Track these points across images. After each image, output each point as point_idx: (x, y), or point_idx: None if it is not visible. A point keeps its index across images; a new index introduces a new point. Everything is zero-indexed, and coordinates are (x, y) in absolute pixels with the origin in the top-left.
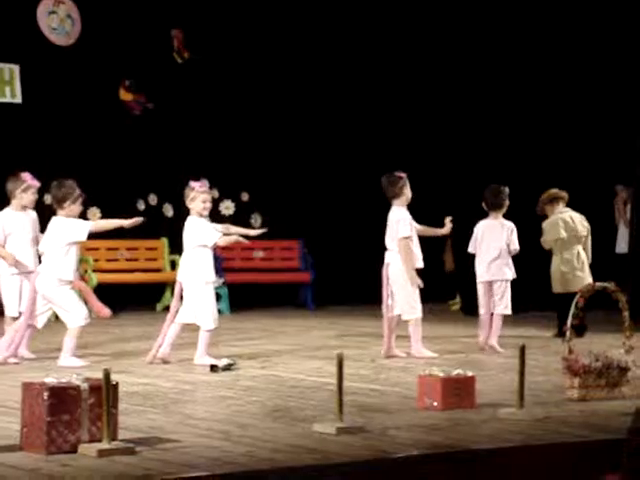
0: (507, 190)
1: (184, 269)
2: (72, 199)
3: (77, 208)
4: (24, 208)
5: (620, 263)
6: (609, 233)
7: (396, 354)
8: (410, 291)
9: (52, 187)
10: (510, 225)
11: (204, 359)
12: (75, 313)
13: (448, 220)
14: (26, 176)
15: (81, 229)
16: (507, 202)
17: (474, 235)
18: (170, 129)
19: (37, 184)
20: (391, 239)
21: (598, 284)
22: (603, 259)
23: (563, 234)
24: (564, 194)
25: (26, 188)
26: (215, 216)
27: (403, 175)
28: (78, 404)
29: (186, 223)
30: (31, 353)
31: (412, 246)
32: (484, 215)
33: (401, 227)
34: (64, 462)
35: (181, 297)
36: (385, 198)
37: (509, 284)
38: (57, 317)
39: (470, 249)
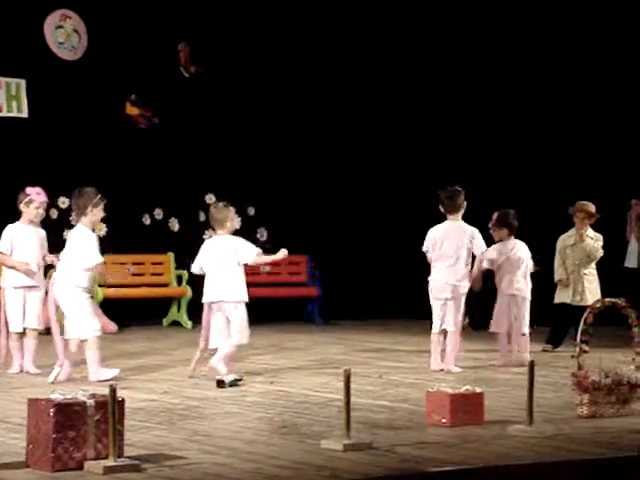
0: (513, 212)
1: (227, 288)
2: (92, 204)
3: (99, 213)
4: (31, 223)
5: (630, 278)
6: (619, 247)
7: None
8: (462, 306)
9: (73, 196)
10: (521, 245)
11: (220, 365)
12: (86, 324)
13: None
14: (30, 190)
15: (92, 257)
16: (516, 223)
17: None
18: (176, 143)
19: (43, 199)
20: (466, 256)
21: (607, 299)
22: (613, 274)
23: None
24: None
25: (28, 202)
26: None
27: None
28: (84, 421)
29: (223, 241)
30: (36, 368)
31: None
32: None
33: (482, 241)
34: (70, 479)
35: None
36: (387, 213)
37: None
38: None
39: (486, 265)
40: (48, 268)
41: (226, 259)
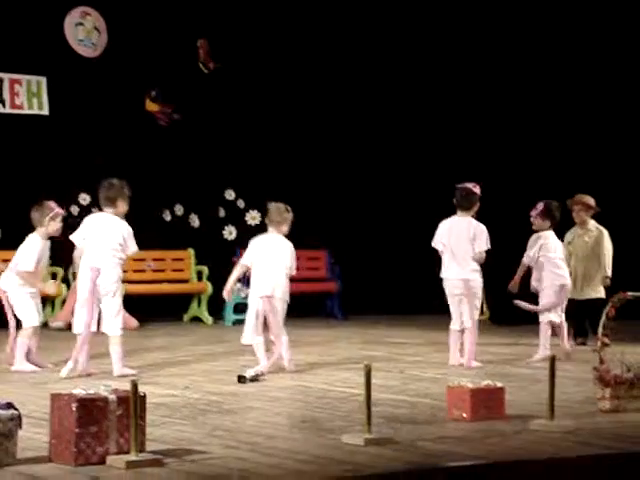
0: (558, 204)
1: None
2: (123, 197)
3: (125, 206)
4: (49, 236)
5: None
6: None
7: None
8: (478, 300)
9: (102, 188)
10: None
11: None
12: (117, 321)
13: None
14: (52, 204)
15: (132, 247)
16: (559, 216)
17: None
18: (196, 139)
19: (62, 212)
20: (472, 251)
21: (630, 293)
22: (636, 267)
23: None
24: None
25: (54, 216)
26: (241, 226)
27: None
28: (106, 415)
29: (278, 240)
30: (48, 363)
31: None
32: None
33: (487, 239)
34: (92, 474)
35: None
36: (406, 207)
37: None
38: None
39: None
40: None
41: (279, 259)
